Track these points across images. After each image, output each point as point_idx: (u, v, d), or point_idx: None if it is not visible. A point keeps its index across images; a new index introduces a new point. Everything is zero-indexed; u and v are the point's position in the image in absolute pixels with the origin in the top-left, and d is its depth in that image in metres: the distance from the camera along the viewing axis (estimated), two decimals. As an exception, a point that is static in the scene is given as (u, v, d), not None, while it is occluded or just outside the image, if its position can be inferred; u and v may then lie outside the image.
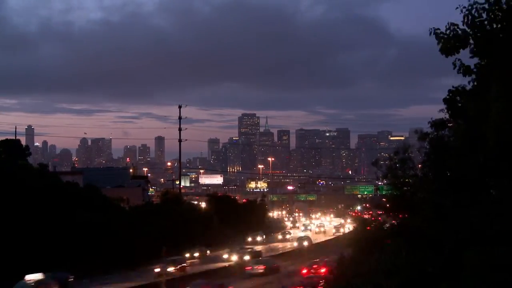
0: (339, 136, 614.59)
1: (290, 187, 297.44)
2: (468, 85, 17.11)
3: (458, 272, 17.11)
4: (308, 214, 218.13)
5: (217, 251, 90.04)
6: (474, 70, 16.04)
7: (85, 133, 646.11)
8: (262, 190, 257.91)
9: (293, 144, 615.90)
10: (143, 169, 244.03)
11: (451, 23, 15.26)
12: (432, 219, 20.90)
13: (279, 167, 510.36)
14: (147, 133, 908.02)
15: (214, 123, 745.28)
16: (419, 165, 27.64)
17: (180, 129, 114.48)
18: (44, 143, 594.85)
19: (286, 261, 73.97)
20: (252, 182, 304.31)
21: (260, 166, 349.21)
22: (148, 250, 76.17)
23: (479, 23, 14.70)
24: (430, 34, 15.55)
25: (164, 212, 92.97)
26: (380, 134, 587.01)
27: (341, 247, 47.03)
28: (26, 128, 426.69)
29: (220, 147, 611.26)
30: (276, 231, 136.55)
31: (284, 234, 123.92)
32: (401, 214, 29.73)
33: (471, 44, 15.21)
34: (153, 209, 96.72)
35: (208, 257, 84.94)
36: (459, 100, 18.67)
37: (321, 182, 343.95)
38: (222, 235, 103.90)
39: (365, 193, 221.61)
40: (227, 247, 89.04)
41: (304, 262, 63.15)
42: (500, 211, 16.30)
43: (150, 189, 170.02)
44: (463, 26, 14.99)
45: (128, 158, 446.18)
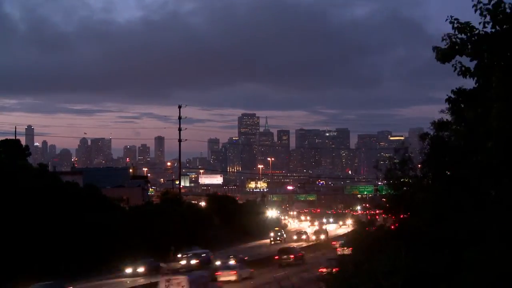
0: (339, 136, 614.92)
1: (290, 187, 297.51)
2: (469, 86, 17.16)
3: (458, 272, 17.13)
4: (299, 217, 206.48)
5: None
6: (474, 72, 16.02)
7: (85, 133, 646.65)
8: (262, 190, 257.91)
9: (293, 144, 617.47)
10: (143, 169, 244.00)
11: (447, 34, 15.21)
12: (432, 219, 20.92)
13: (279, 167, 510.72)
14: (147, 133, 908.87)
15: (214, 123, 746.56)
16: (419, 165, 27.66)
17: (180, 129, 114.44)
18: (44, 143, 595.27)
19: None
20: (252, 182, 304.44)
21: (260, 166, 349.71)
22: (148, 250, 76.21)
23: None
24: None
25: (164, 212, 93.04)
26: (380, 134, 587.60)
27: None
28: (26, 128, 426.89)
29: (220, 147, 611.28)
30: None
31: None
32: (401, 215, 29.75)
33: (469, 49, 15.17)
34: (153, 209, 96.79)
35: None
36: (461, 100, 18.70)
37: (321, 182, 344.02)
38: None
39: (365, 193, 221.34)
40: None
41: None
42: (500, 211, 16.31)
43: (150, 189, 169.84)
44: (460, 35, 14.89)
45: (128, 158, 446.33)
